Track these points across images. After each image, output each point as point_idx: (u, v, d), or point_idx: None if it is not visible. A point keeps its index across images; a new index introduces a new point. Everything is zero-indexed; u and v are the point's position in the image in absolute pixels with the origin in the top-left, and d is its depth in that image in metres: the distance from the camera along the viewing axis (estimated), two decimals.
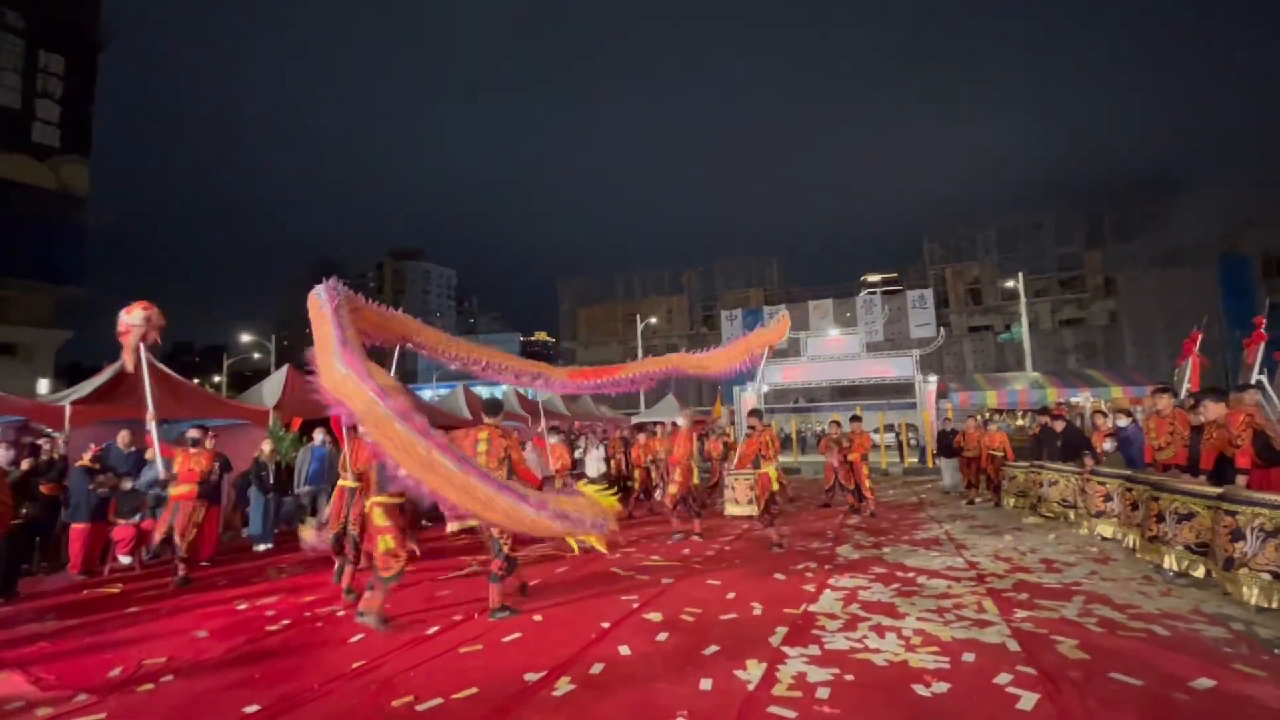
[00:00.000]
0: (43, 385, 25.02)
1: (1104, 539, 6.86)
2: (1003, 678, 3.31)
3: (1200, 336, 9.14)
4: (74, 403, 7.76)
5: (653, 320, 36.34)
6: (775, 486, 7.30)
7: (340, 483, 5.54)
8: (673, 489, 8.20)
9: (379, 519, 4.71)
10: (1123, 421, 7.88)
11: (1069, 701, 3.03)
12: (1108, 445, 7.71)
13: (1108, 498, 6.96)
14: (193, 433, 6.84)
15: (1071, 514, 7.98)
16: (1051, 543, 6.99)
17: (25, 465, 6.23)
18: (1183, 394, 8.32)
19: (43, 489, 6.67)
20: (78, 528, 6.72)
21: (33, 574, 6.67)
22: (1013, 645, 3.79)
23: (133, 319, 5.48)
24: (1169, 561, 5.24)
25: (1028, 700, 3.04)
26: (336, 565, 5.64)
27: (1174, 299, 33.56)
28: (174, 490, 6.36)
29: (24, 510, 6.05)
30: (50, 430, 7.58)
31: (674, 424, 9.43)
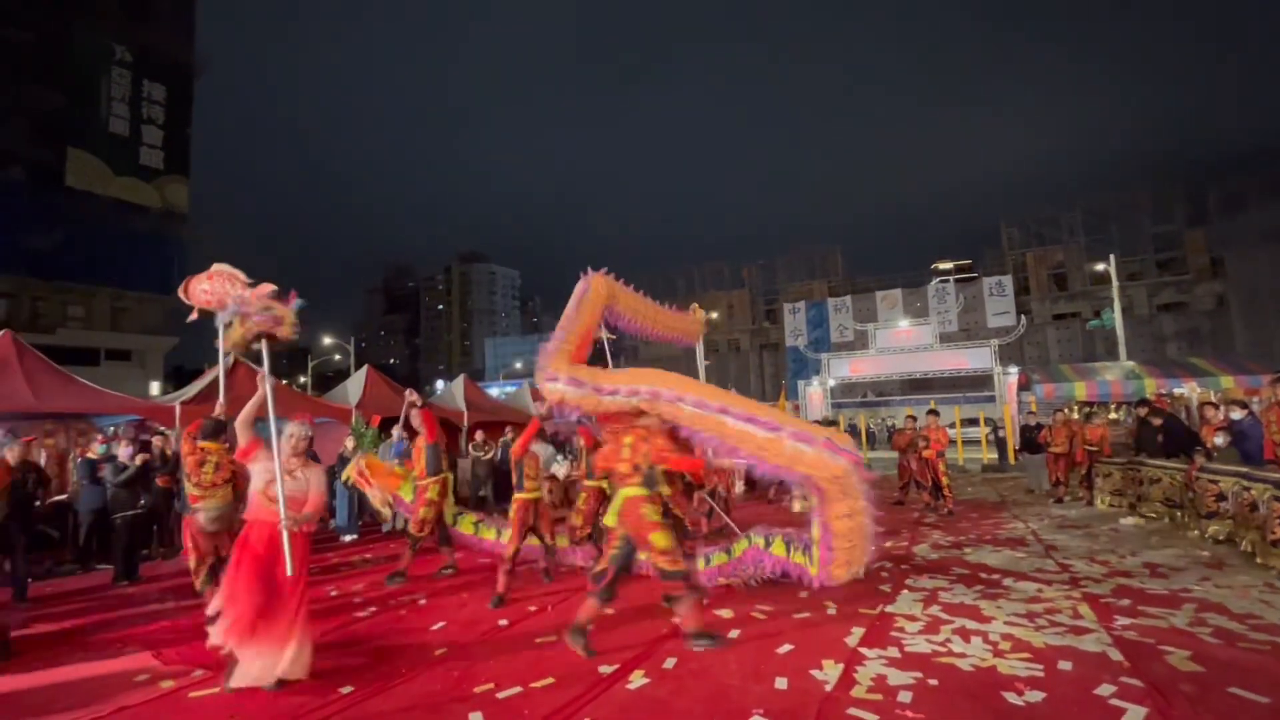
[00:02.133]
0: (154, 387, 27.47)
1: (1217, 542, 6.29)
2: (1105, 689, 3.09)
3: None
4: (183, 403, 8.46)
5: (714, 315, 36.11)
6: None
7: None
8: (575, 519, 6.63)
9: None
10: (1237, 414, 7.20)
11: (1182, 717, 2.80)
12: (1219, 439, 7.07)
13: (1220, 497, 6.38)
14: None
15: (1178, 514, 7.37)
16: (1155, 545, 6.48)
17: (138, 461, 6.78)
18: None
19: (159, 481, 7.30)
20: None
21: (152, 559, 7.33)
22: (1115, 654, 3.54)
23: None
24: None
25: (1134, 714, 2.83)
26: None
27: None
28: None
29: (142, 502, 6.64)
30: (163, 428, 8.29)
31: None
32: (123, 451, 6.74)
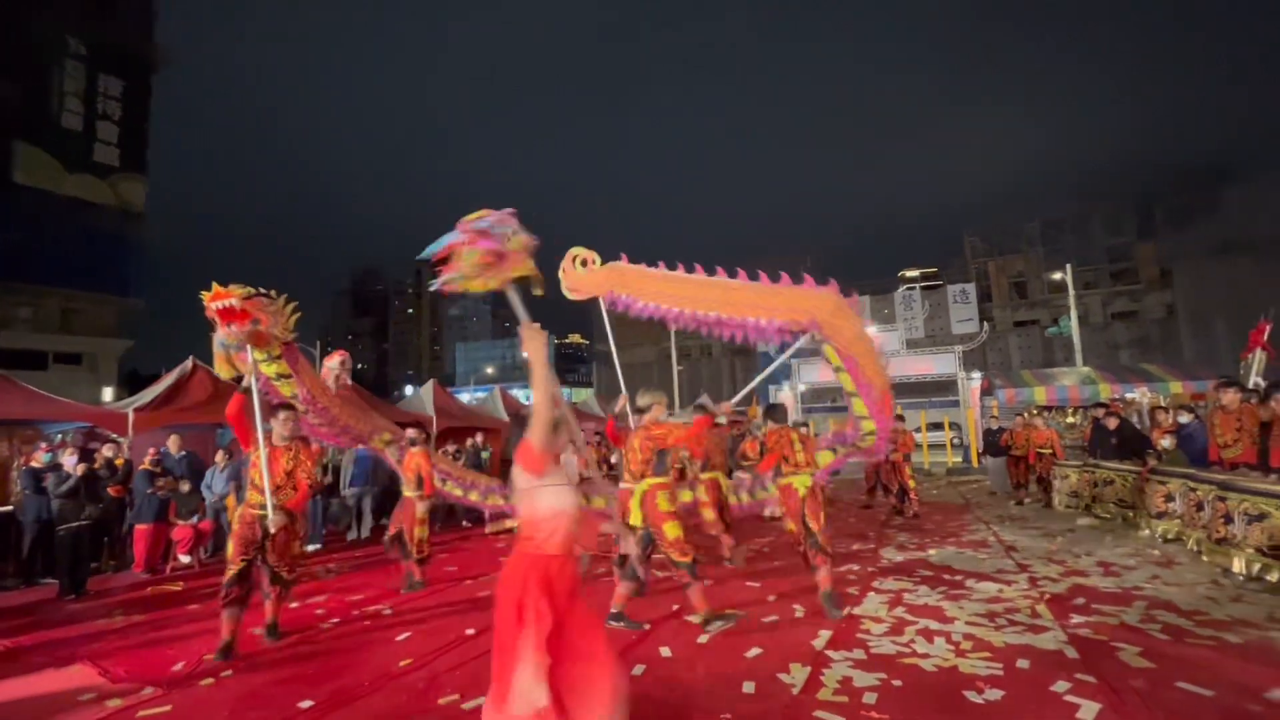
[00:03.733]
0: (107, 393, 26.38)
1: (1166, 541, 6.54)
2: (1060, 685, 3.18)
3: (1268, 327, 8.66)
4: (136, 409, 8.14)
5: None
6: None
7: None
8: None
9: (664, 505, 4.38)
10: (1184, 418, 7.51)
11: (1134, 712, 2.89)
12: (1167, 442, 7.36)
13: (1169, 498, 6.64)
14: None
15: (1130, 515, 7.64)
16: (1108, 545, 6.70)
17: (79, 470, 6.47)
18: (1250, 387, 7.88)
19: (111, 491, 7.02)
20: (141, 528, 7.08)
21: (101, 572, 7.03)
22: (1070, 652, 3.64)
23: (330, 364, 6.29)
24: (1238, 565, 4.97)
25: (1088, 710, 2.91)
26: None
27: (1236, 290, 31.87)
28: None
29: (86, 513, 6.34)
30: (115, 436, 7.98)
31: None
32: (68, 460, 6.47)
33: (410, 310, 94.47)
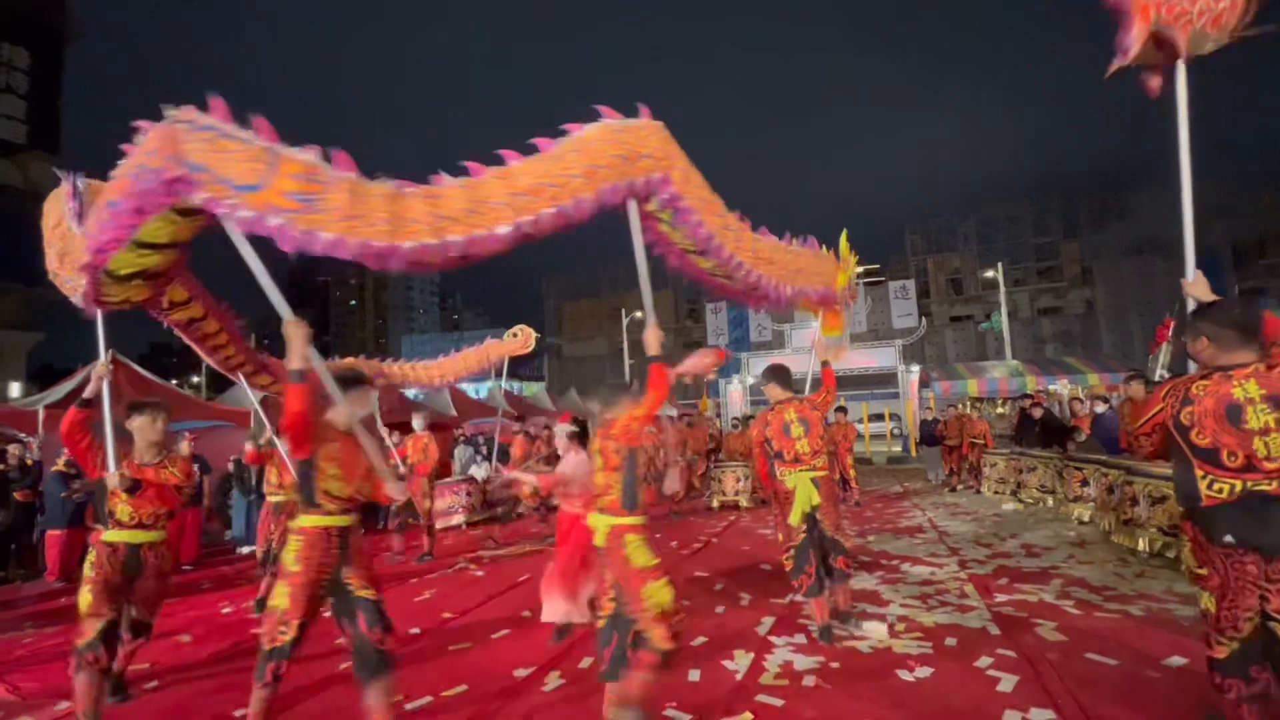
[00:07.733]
0: (14, 389, 24.48)
1: (1082, 523, 7.02)
2: (983, 661, 3.38)
3: (1173, 323, 9.34)
4: (47, 406, 7.60)
5: (638, 314, 36.44)
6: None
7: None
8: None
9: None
10: (1100, 407, 8.05)
11: (1048, 682, 3.10)
12: (1079, 433, 7.88)
13: (1084, 483, 7.11)
14: None
15: (1050, 499, 8.15)
16: (1031, 527, 7.14)
17: None
18: (1156, 380, 8.51)
19: (17, 495, 6.54)
20: (54, 534, 6.61)
21: (9, 582, 6.55)
22: (993, 629, 3.87)
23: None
24: (1143, 544, 5.38)
25: (1008, 682, 3.11)
26: None
27: (1148, 288, 34.33)
28: None
29: None
30: (23, 435, 7.42)
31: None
32: None
33: (353, 302, 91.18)
